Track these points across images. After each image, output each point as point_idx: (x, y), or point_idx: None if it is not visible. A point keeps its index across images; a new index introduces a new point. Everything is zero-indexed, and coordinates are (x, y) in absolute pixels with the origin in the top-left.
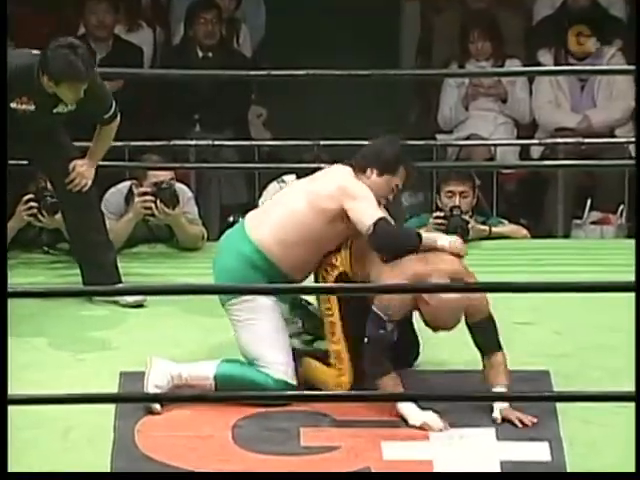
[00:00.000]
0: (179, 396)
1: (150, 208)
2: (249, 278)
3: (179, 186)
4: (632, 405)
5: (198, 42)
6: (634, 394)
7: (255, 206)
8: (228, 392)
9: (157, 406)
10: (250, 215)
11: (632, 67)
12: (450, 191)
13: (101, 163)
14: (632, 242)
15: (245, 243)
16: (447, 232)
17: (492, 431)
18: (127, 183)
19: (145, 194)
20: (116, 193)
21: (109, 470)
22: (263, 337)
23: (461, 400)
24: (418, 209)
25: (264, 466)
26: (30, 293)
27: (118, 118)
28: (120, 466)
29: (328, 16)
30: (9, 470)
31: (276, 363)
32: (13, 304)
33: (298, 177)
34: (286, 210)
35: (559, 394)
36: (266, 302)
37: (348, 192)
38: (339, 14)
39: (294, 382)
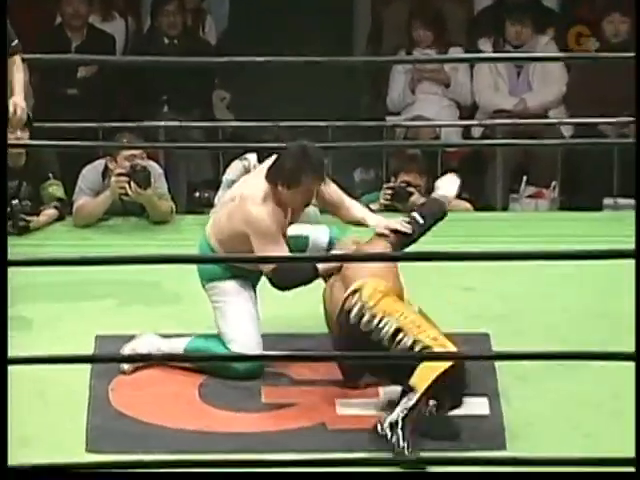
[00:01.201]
0: (147, 355)
1: (124, 188)
2: (208, 270)
3: (150, 163)
4: (567, 363)
5: (164, 32)
6: (634, 354)
7: (219, 182)
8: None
9: (126, 366)
10: (213, 210)
11: (563, 54)
12: (406, 182)
13: (77, 143)
14: (564, 214)
15: (204, 236)
16: (393, 201)
17: None
18: (102, 160)
19: (120, 175)
20: (92, 170)
21: (85, 425)
22: (227, 317)
23: (405, 359)
24: (370, 186)
25: (228, 421)
26: (29, 262)
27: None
28: (95, 422)
29: (287, 8)
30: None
31: (238, 341)
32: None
33: (259, 155)
34: (223, 214)
35: (499, 353)
36: (231, 287)
37: (253, 229)
38: (297, 6)
39: (260, 365)
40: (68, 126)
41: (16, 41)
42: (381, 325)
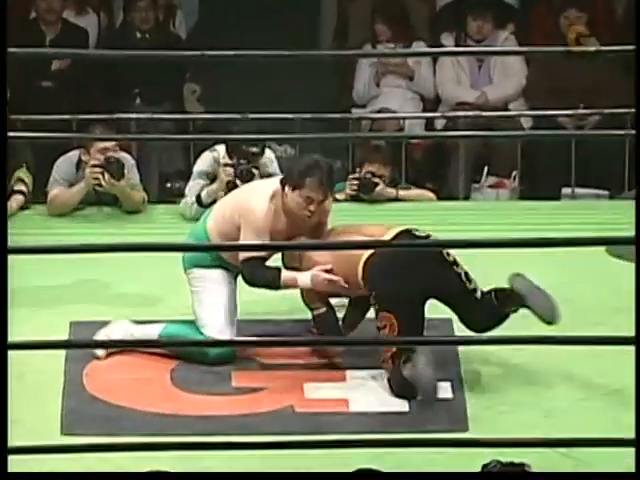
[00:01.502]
0: (120, 341)
1: (98, 179)
2: (194, 257)
3: (122, 155)
4: (527, 348)
5: (136, 26)
6: (634, 338)
7: (190, 173)
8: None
9: (99, 352)
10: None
11: (524, 48)
12: (371, 172)
13: (51, 134)
14: (524, 203)
15: (203, 225)
16: (359, 192)
17: None
18: (76, 151)
19: (95, 167)
20: (66, 160)
21: (60, 409)
22: (204, 302)
23: (376, 344)
24: (336, 177)
25: (199, 405)
26: (30, 250)
27: None
28: (70, 406)
29: (255, 2)
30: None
31: (211, 325)
32: None
33: (227, 147)
34: (224, 209)
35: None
36: (213, 275)
37: (246, 219)
38: (265, 1)
39: (231, 348)
40: (42, 118)
41: None
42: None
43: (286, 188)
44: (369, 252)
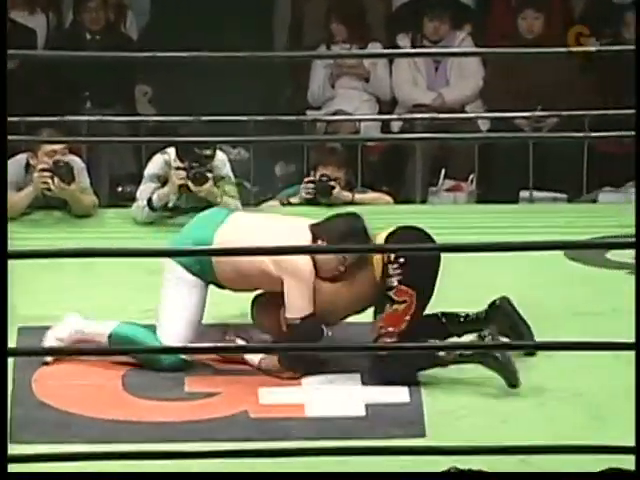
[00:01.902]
0: (63, 349)
1: (47, 183)
2: (186, 259)
3: (72, 158)
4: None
5: (86, 27)
6: (634, 344)
7: (141, 176)
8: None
9: (46, 358)
10: (233, 217)
11: (481, 50)
12: (326, 175)
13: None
14: (481, 207)
15: (208, 236)
16: (315, 195)
17: (357, 376)
18: (24, 155)
19: (43, 171)
20: (14, 164)
21: (9, 417)
22: (169, 307)
23: (341, 351)
24: (291, 179)
25: (151, 411)
26: (30, 254)
27: None
28: (19, 413)
29: (208, 2)
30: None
31: (170, 334)
32: None
33: (177, 150)
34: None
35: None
36: (189, 280)
37: (292, 274)
38: (218, 3)
39: (184, 357)
40: None
41: None
42: None
43: (319, 241)
44: (388, 231)
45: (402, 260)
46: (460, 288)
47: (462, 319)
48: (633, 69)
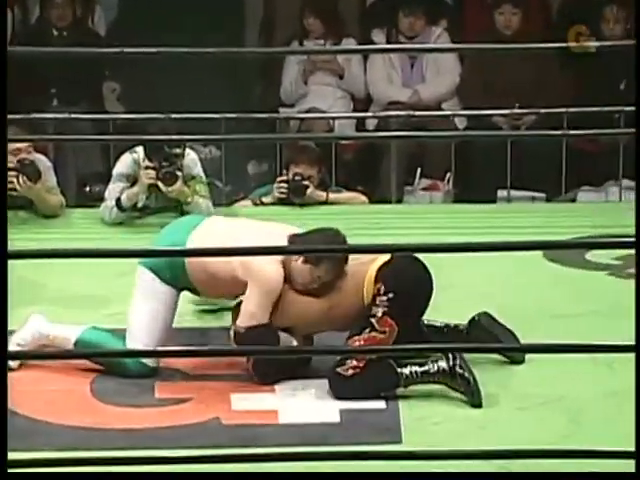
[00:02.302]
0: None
1: (13, 183)
2: (158, 266)
3: (38, 157)
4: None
5: (52, 23)
6: (634, 346)
7: (110, 175)
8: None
9: (11, 363)
10: (208, 221)
11: (458, 46)
12: (299, 174)
13: None
14: (458, 206)
15: (181, 239)
16: (288, 195)
17: None
18: None
19: (8, 170)
20: None
21: None
22: (139, 311)
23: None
24: (263, 178)
25: (121, 417)
26: (30, 254)
27: None
28: None
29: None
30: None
31: (139, 343)
32: None
33: (145, 148)
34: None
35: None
36: (160, 287)
37: (254, 276)
38: None
39: (152, 364)
40: None
41: None
42: None
43: (297, 256)
44: (383, 259)
45: (391, 295)
46: (436, 289)
47: (444, 329)
48: (611, 66)
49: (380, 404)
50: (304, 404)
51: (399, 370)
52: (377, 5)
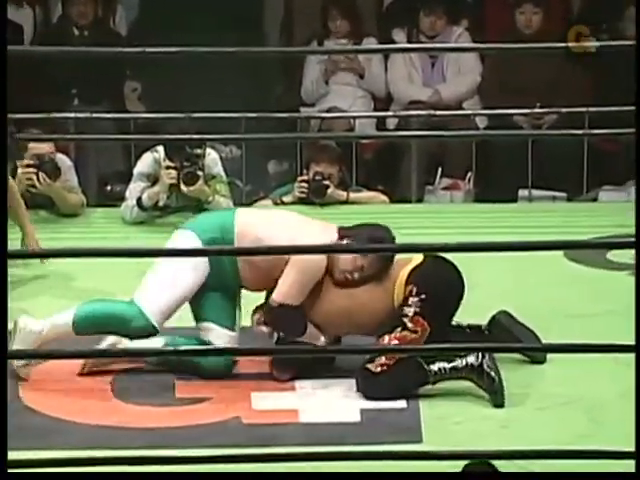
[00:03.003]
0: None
1: (32, 179)
2: (206, 234)
3: (59, 156)
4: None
5: (73, 22)
6: (634, 346)
7: (131, 175)
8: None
9: (25, 371)
10: (244, 210)
11: (478, 45)
12: (319, 173)
13: None
14: (479, 206)
15: (230, 223)
16: (308, 194)
17: (353, 382)
18: None
19: (28, 166)
20: None
21: None
22: (159, 277)
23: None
24: (284, 177)
25: (141, 416)
26: (29, 254)
27: None
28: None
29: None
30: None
31: (152, 302)
32: None
33: (165, 148)
34: (270, 238)
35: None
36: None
37: (297, 258)
38: None
39: (156, 326)
40: None
41: None
42: None
43: (345, 240)
44: (415, 263)
45: (424, 296)
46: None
47: (467, 329)
48: (632, 65)
49: (401, 403)
50: (325, 403)
51: (427, 367)
52: (396, 4)
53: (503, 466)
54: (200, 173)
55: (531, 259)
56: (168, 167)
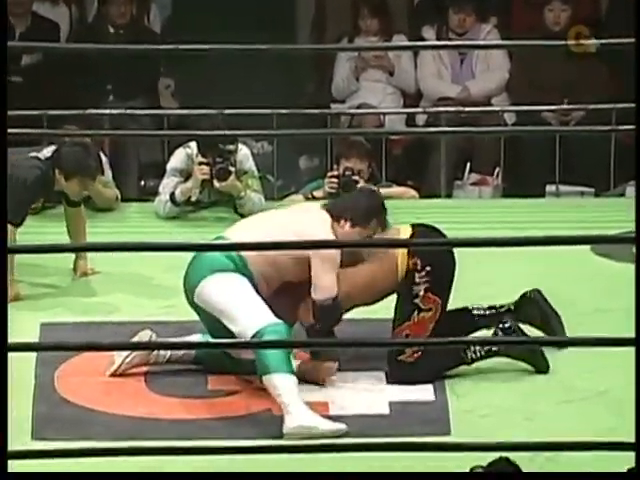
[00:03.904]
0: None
1: None
2: (220, 261)
3: None
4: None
5: (110, 20)
6: (634, 339)
7: (164, 170)
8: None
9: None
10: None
11: (507, 42)
12: (349, 168)
13: (20, 130)
14: (507, 201)
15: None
16: (338, 189)
17: (382, 375)
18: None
19: None
20: None
21: (30, 413)
22: (237, 297)
23: (362, 346)
24: (315, 173)
25: (175, 408)
26: (29, 249)
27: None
28: (41, 410)
29: None
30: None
31: (249, 322)
32: None
33: (198, 144)
34: (274, 235)
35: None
36: (236, 276)
37: (318, 250)
38: None
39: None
40: (11, 114)
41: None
42: None
43: (342, 221)
44: (408, 234)
45: (428, 268)
46: (485, 283)
47: (494, 310)
48: None
49: (429, 396)
50: (354, 396)
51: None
52: (426, 2)
53: (530, 458)
54: (232, 169)
55: (559, 254)
56: (201, 163)
